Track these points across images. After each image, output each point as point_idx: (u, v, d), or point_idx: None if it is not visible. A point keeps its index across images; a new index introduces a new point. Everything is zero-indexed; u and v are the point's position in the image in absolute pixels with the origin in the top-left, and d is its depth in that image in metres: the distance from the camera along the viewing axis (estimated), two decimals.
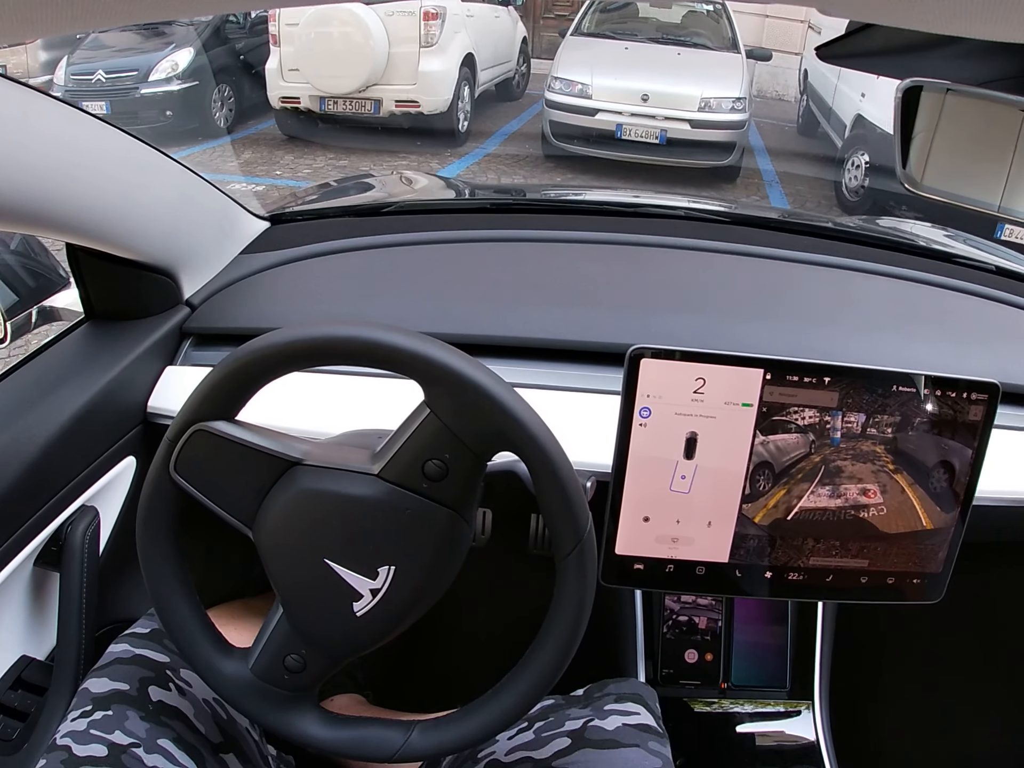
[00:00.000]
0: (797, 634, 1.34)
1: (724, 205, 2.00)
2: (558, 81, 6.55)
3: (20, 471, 0.94)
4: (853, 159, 6.11)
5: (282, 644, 0.81)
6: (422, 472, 0.75)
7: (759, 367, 0.92)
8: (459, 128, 7.11)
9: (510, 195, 2.07)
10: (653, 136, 6.22)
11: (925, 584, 1.02)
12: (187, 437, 0.75)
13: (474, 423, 0.74)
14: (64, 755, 0.80)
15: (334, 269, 1.34)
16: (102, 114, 0.89)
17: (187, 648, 0.82)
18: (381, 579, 0.77)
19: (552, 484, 0.75)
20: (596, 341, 1.17)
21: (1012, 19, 0.39)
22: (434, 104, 6.83)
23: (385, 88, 6.73)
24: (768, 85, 10.12)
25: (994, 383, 0.95)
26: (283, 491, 0.76)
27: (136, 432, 1.14)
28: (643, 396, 0.92)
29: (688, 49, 7.09)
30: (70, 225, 0.95)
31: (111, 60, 7.12)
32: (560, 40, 7.42)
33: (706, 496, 0.96)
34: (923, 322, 1.30)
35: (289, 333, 0.73)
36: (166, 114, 7.03)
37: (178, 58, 7.10)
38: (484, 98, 7.89)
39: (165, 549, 0.80)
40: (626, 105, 6.24)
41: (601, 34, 7.32)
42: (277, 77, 6.82)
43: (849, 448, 0.95)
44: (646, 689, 1.03)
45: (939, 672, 1.61)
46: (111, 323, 1.17)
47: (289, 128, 7.15)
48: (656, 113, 6.19)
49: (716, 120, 6.24)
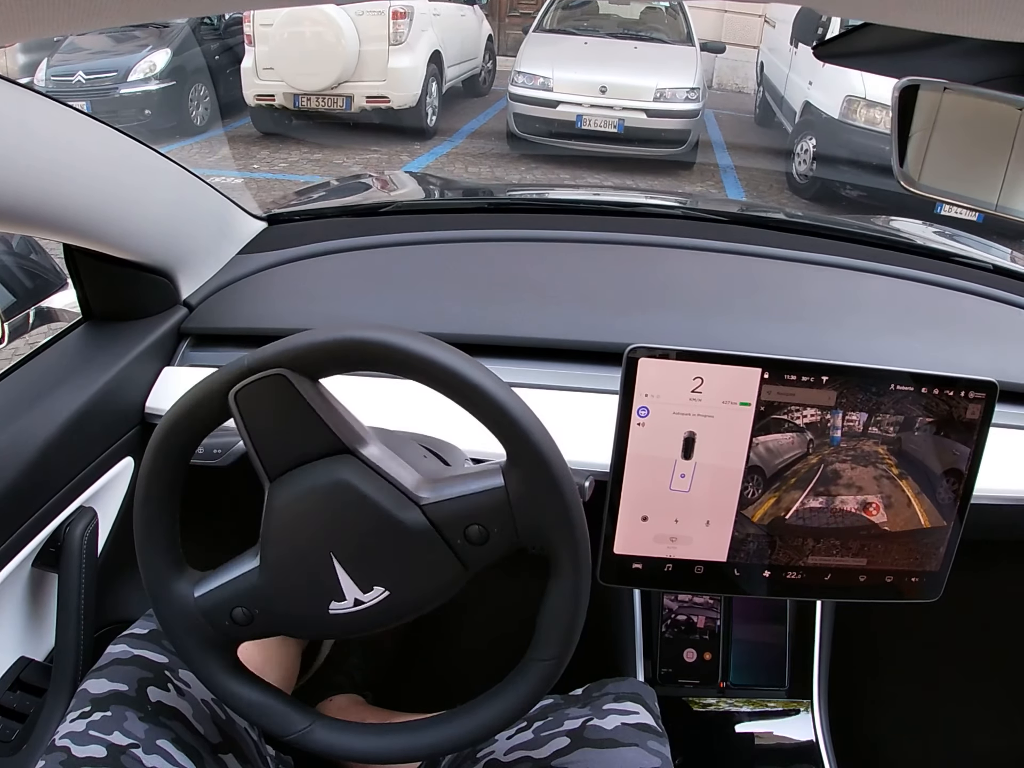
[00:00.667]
0: (796, 633, 1.34)
1: (721, 204, 2.00)
2: (521, 75, 6.88)
3: (18, 472, 0.94)
4: (802, 144, 6.38)
5: (239, 594, 0.79)
6: (464, 531, 0.74)
7: (757, 366, 0.92)
8: (428, 123, 7.40)
9: (506, 195, 2.07)
10: (612, 125, 6.57)
11: (923, 583, 1.02)
12: (267, 375, 0.73)
13: (534, 514, 0.73)
14: (63, 756, 0.80)
15: (332, 269, 1.34)
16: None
17: (145, 554, 0.80)
18: (371, 596, 0.77)
19: (564, 601, 0.76)
20: (594, 340, 1.17)
21: (1008, 18, 0.39)
22: (403, 99, 7.12)
23: (356, 85, 7.02)
24: (728, 79, 10.49)
25: (992, 382, 0.95)
26: (325, 470, 0.75)
27: (134, 433, 1.14)
28: (641, 395, 0.92)
29: (645, 43, 7.46)
30: (67, 226, 0.95)
31: (91, 61, 7.32)
32: (524, 37, 7.81)
33: (704, 495, 0.96)
34: (921, 321, 1.30)
35: (424, 348, 0.71)
36: (145, 113, 7.22)
37: (155, 59, 7.32)
38: (452, 94, 8.19)
39: (176, 461, 0.78)
40: (585, 97, 6.57)
41: (562, 30, 7.68)
42: (252, 75, 7.07)
43: (849, 447, 0.95)
44: (645, 688, 1.03)
45: (938, 670, 1.61)
46: (109, 324, 1.17)
47: (264, 125, 7.38)
48: (614, 104, 6.55)
49: (671, 109, 6.60)
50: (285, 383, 0.72)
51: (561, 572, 0.75)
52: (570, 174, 6.46)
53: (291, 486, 0.76)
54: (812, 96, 6.43)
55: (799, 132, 6.56)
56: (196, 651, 0.81)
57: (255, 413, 0.74)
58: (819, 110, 6.25)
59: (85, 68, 7.24)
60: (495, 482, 0.74)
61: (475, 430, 0.74)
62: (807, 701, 1.32)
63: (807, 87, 6.59)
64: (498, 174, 6.53)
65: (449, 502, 0.74)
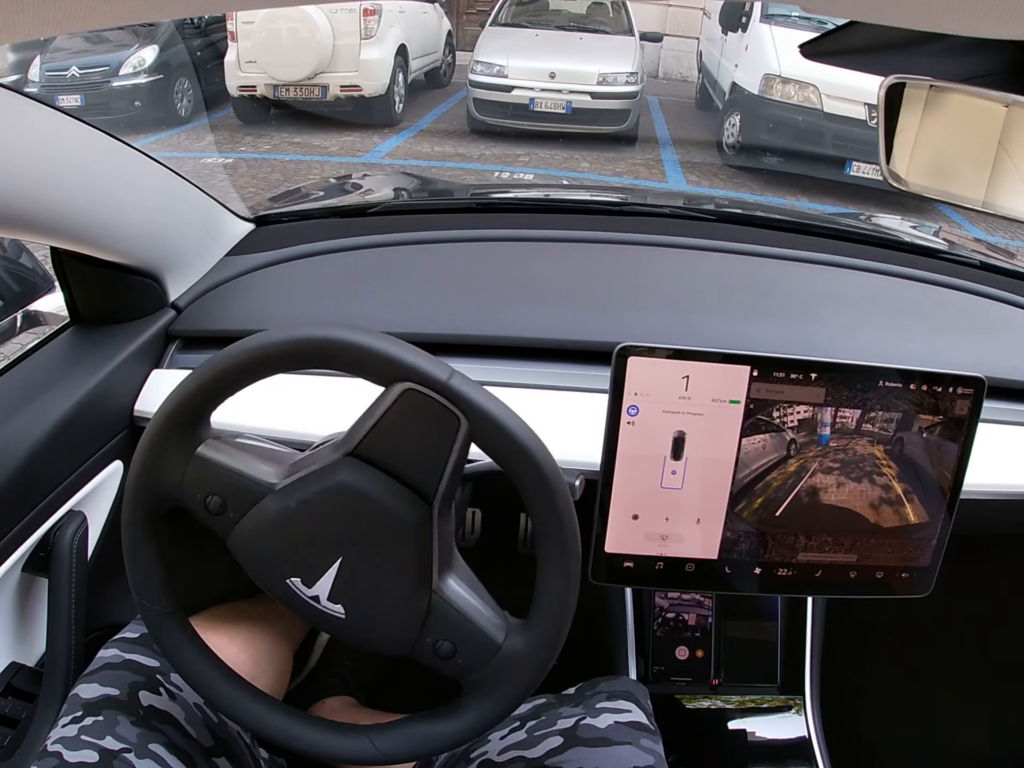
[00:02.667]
0: (787, 630, 1.35)
1: (709, 202, 2.00)
2: (479, 64, 7.70)
3: (6, 477, 0.94)
4: (730, 119, 7.26)
5: (227, 479, 0.77)
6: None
7: (745, 364, 0.92)
8: (396, 109, 8.23)
9: (494, 195, 2.07)
10: (560, 107, 7.47)
11: (914, 578, 1.03)
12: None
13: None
14: (55, 761, 0.80)
15: (320, 270, 1.34)
16: (77, 106, 0.89)
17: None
18: (329, 606, 0.77)
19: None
20: (583, 339, 1.17)
21: (992, 16, 0.39)
22: (374, 88, 7.92)
23: (331, 75, 7.78)
24: (673, 68, 11.37)
25: (979, 377, 0.95)
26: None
27: (123, 436, 1.13)
28: (630, 394, 0.92)
29: (590, 34, 8.40)
30: (54, 228, 0.95)
31: (84, 57, 7.75)
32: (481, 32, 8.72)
33: (695, 493, 0.97)
34: (908, 317, 1.30)
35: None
36: (135, 104, 7.67)
37: (144, 54, 7.82)
38: (416, 86, 9.02)
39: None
40: (537, 82, 7.47)
41: (516, 24, 8.57)
42: (235, 69, 7.73)
43: (839, 445, 0.96)
44: (637, 687, 1.03)
45: (929, 665, 1.62)
46: (96, 327, 1.16)
47: (246, 114, 8.04)
48: (562, 87, 7.43)
49: (613, 92, 7.49)
50: (453, 423, 0.72)
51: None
52: (524, 151, 7.29)
53: (366, 479, 0.75)
54: (737, 77, 7.26)
55: (727, 109, 7.42)
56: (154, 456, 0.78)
57: (403, 413, 0.73)
58: (743, 88, 7.08)
59: (78, 63, 7.63)
60: (495, 636, 0.77)
61: None
62: (799, 697, 1.33)
63: (734, 69, 7.45)
64: (460, 151, 7.33)
65: (453, 612, 0.77)
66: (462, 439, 0.72)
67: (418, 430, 0.72)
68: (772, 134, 6.75)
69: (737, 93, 7.19)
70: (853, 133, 6.36)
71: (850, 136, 6.39)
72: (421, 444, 0.73)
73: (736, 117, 7.13)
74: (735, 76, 7.34)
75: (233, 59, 7.71)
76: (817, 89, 6.53)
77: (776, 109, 6.68)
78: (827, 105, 6.51)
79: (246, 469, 0.77)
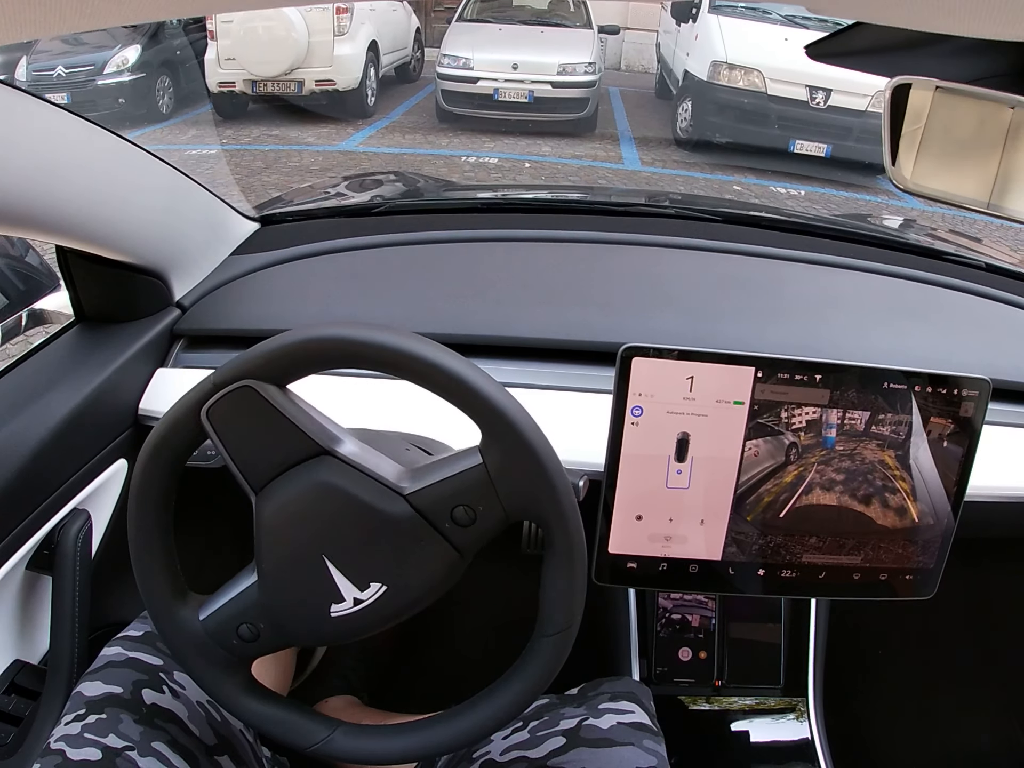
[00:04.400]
0: (791, 631, 1.34)
1: (715, 204, 2.00)
2: (446, 57, 8.18)
3: (11, 475, 0.94)
4: (683, 105, 7.76)
5: (242, 611, 0.79)
6: (450, 513, 0.74)
7: (750, 365, 0.92)
8: (368, 102, 8.64)
9: (502, 194, 2.07)
10: (523, 96, 7.97)
11: (917, 580, 1.03)
12: (233, 388, 0.73)
13: (516, 485, 0.74)
14: (58, 759, 0.80)
15: (325, 270, 1.34)
16: (63, 104, 0.89)
17: (146, 583, 0.80)
18: (369, 593, 0.77)
19: (562, 571, 0.76)
20: (588, 340, 1.17)
21: (998, 17, 0.39)
22: (347, 82, 8.32)
23: (306, 71, 8.17)
24: (635, 60, 11.82)
25: (985, 379, 0.95)
26: (306, 474, 0.75)
27: (127, 435, 1.13)
28: (635, 395, 0.92)
29: (551, 28, 8.89)
30: (59, 227, 0.95)
31: (70, 57, 8.02)
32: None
33: (699, 494, 0.96)
34: (914, 319, 1.30)
35: (381, 337, 0.71)
36: (119, 102, 8.00)
37: (127, 54, 8.11)
38: (386, 82, 9.43)
39: (161, 486, 0.78)
40: (500, 73, 7.95)
41: (481, 19, 9.05)
42: (215, 66, 8.07)
43: (844, 446, 0.95)
44: (640, 687, 1.03)
45: (932, 667, 1.61)
46: (102, 325, 1.16)
47: (225, 109, 8.35)
48: (524, 78, 7.93)
49: (572, 81, 8.00)
50: (253, 394, 0.73)
51: (554, 540, 0.75)
52: (490, 138, 7.76)
53: (276, 495, 0.76)
54: (689, 65, 7.83)
55: (680, 96, 7.95)
56: (209, 673, 0.81)
57: (229, 429, 0.74)
58: (693, 75, 7.63)
59: (64, 63, 7.88)
60: (473, 460, 0.74)
61: (462, 426, 0.74)
62: (802, 699, 1.32)
63: (686, 58, 8.01)
64: (430, 139, 7.81)
65: (430, 488, 0.74)
66: (269, 394, 0.73)
67: (247, 425, 0.75)
68: (721, 116, 7.32)
69: (689, 80, 7.76)
70: (795, 113, 6.98)
71: (792, 116, 6.99)
72: (262, 429, 0.75)
73: (688, 103, 7.66)
74: (687, 64, 7.89)
75: (213, 57, 8.06)
76: (761, 73, 7.09)
77: (724, 93, 7.24)
78: (771, 88, 7.06)
79: (235, 591, 0.80)
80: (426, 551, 0.76)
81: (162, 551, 0.80)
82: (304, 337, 0.72)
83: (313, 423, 0.75)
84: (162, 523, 0.80)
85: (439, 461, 0.77)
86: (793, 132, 7.00)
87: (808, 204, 6.30)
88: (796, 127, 6.98)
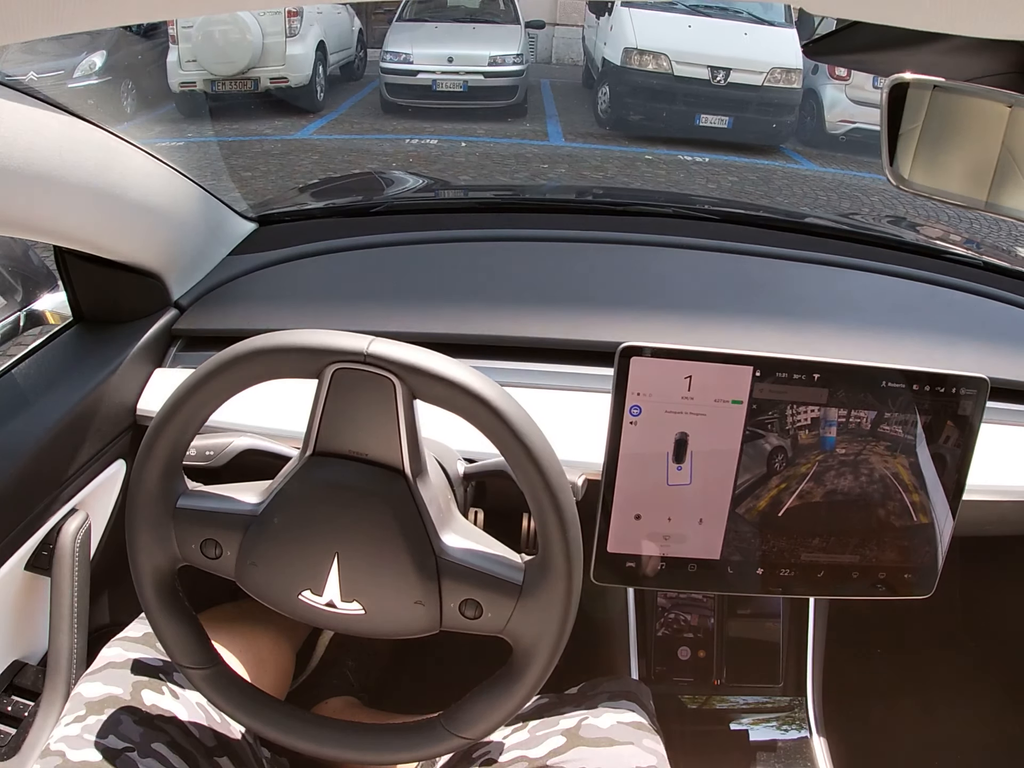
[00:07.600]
0: (790, 630, 1.34)
1: (713, 203, 2.00)
2: (388, 54, 9.01)
3: (9, 475, 0.94)
4: (602, 89, 8.68)
5: (218, 527, 0.78)
6: (462, 601, 0.76)
7: (748, 364, 0.92)
8: (318, 97, 9.36)
9: (499, 194, 2.07)
10: (458, 86, 8.89)
11: (916, 579, 1.03)
12: (375, 371, 0.72)
13: (531, 622, 0.76)
14: (58, 760, 0.80)
15: (323, 270, 1.34)
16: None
17: (143, 462, 0.78)
18: (347, 606, 0.77)
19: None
20: (586, 339, 1.17)
21: (995, 16, 0.39)
22: (299, 79, 9.06)
23: (262, 70, 8.89)
24: (565, 54, 12.50)
25: (983, 378, 0.95)
26: (373, 478, 0.76)
27: (126, 435, 1.13)
28: (633, 394, 0.92)
29: (482, 24, 9.81)
30: (57, 228, 0.95)
31: (40, 63, 8.28)
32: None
33: (697, 493, 0.96)
34: (912, 318, 1.30)
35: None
36: (88, 103, 8.21)
37: (95, 59, 8.47)
38: (333, 80, 10.16)
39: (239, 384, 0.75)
40: (437, 66, 8.84)
41: (419, 18, 9.87)
42: (176, 68, 8.67)
43: (843, 445, 0.95)
44: (640, 687, 1.03)
45: (931, 666, 1.61)
46: (99, 326, 1.16)
47: (187, 108, 8.88)
48: (459, 69, 8.86)
49: (502, 71, 8.95)
50: (389, 387, 0.72)
51: None
52: (430, 124, 8.45)
53: (334, 472, 0.76)
54: (606, 53, 8.72)
55: (600, 81, 8.89)
56: (144, 536, 0.79)
57: (342, 395, 0.73)
58: (610, 62, 8.56)
59: (36, 69, 8.12)
60: (514, 577, 0.75)
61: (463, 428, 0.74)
62: (801, 698, 1.32)
63: (603, 47, 8.90)
64: (376, 126, 8.52)
65: (464, 568, 0.75)
66: (402, 400, 0.72)
67: (359, 405, 0.73)
68: (634, 97, 8.21)
69: (607, 67, 8.68)
70: (699, 91, 7.96)
71: (697, 93, 7.96)
72: (368, 418, 0.73)
73: (607, 86, 8.58)
74: (604, 52, 8.82)
75: (175, 59, 8.67)
76: (668, 57, 8.06)
77: (636, 76, 8.20)
78: (676, 70, 8.04)
79: (224, 505, 0.78)
80: (418, 607, 0.76)
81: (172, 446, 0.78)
82: (467, 384, 0.71)
83: (415, 446, 0.76)
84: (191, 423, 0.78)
85: (485, 551, 0.77)
86: (698, 107, 7.96)
87: (711, 167, 7.19)
88: (700, 103, 7.95)
